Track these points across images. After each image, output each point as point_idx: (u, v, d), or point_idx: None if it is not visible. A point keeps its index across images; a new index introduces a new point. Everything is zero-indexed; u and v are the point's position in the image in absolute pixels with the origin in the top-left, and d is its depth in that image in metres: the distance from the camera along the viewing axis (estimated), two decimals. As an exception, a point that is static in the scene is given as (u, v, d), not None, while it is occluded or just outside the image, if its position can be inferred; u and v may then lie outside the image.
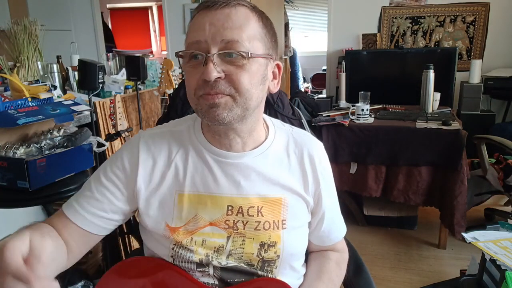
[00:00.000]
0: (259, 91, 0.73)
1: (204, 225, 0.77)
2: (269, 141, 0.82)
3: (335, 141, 2.43)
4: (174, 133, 0.83)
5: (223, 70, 0.68)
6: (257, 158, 0.80)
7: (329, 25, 3.87)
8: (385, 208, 2.59)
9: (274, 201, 0.79)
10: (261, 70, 0.73)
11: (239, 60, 0.69)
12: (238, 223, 0.77)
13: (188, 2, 4.22)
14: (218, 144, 0.79)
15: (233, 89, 0.69)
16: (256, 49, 0.70)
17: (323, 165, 0.86)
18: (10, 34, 2.34)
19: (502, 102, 3.46)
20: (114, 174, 0.79)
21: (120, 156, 0.80)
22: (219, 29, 0.68)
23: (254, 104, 0.73)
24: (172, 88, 2.09)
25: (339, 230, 0.92)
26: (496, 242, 1.24)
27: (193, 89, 0.71)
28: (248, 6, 0.73)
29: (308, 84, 6.34)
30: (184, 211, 0.77)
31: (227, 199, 0.77)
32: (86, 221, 0.77)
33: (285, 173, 0.81)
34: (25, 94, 1.75)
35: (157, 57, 6.29)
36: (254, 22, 0.72)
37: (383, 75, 2.96)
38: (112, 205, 0.78)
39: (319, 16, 6.34)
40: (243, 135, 0.78)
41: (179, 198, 0.77)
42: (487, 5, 3.41)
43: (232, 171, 0.78)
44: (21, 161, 1.24)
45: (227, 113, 0.70)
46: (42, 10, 3.94)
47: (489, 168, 2.36)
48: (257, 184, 0.79)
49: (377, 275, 2.10)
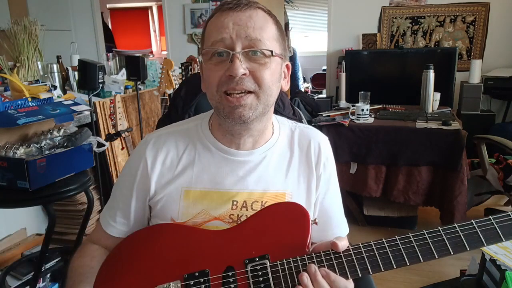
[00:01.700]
0: (276, 88, 0.77)
1: (209, 219, 0.79)
2: (275, 137, 0.85)
3: (335, 141, 2.43)
4: (181, 131, 0.85)
5: (247, 67, 0.72)
6: (263, 154, 0.83)
7: (329, 25, 3.87)
8: (385, 208, 2.58)
9: (278, 196, 0.81)
10: (279, 69, 0.77)
11: (262, 58, 0.73)
12: (242, 217, 0.79)
13: (188, 2, 4.22)
14: (227, 142, 0.81)
15: (257, 86, 0.73)
16: (275, 49, 0.75)
17: (329, 159, 0.89)
18: (10, 34, 2.34)
19: (502, 102, 3.45)
20: (130, 185, 0.83)
21: (129, 168, 0.85)
22: (243, 28, 0.72)
23: (272, 101, 0.77)
24: (172, 88, 2.09)
25: (344, 225, 0.92)
26: (496, 242, 1.24)
27: (216, 85, 0.73)
28: (265, 10, 0.77)
29: (308, 84, 6.34)
30: (190, 207, 0.79)
31: (232, 194, 0.80)
32: (116, 230, 0.84)
33: (289, 168, 0.84)
34: (25, 94, 1.75)
35: (157, 57, 6.28)
36: (272, 24, 0.76)
37: (383, 75, 2.96)
38: (136, 213, 0.84)
39: (319, 16, 6.33)
40: (256, 134, 0.81)
41: (185, 194, 0.80)
42: (487, 5, 3.41)
43: (239, 168, 0.81)
44: (21, 161, 1.24)
45: (252, 112, 0.73)
46: (42, 10, 3.94)
47: (489, 168, 2.36)
48: (262, 179, 0.81)
49: (377, 275, 2.09)
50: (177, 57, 3.90)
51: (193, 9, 4.22)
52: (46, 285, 1.73)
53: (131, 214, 0.83)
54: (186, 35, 4.31)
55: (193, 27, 4.25)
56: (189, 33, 4.28)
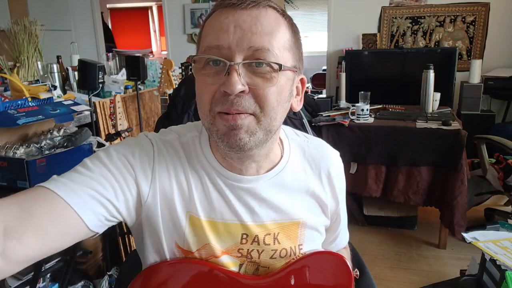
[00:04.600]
0: (284, 110, 0.63)
1: (217, 255, 0.70)
2: (285, 160, 0.73)
3: (335, 141, 2.43)
4: (182, 145, 0.71)
5: (247, 82, 0.58)
6: (272, 180, 0.71)
7: (329, 25, 3.87)
8: (385, 208, 2.58)
9: (291, 226, 0.73)
10: (289, 85, 0.63)
11: (268, 73, 0.58)
12: (252, 252, 0.71)
13: (188, 2, 4.22)
14: (229, 166, 0.69)
15: (258, 107, 0.59)
16: (286, 61, 0.60)
17: (341, 181, 0.81)
18: (10, 34, 2.34)
19: (502, 102, 3.45)
20: (124, 164, 0.64)
21: (131, 152, 0.67)
22: (246, 33, 0.57)
23: (277, 126, 0.63)
24: (172, 88, 2.09)
25: (346, 237, 0.92)
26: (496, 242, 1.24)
27: (208, 103, 0.59)
28: (278, 9, 0.62)
29: (308, 84, 6.33)
30: (196, 236, 0.69)
31: (241, 227, 0.70)
32: (78, 198, 0.58)
33: (302, 193, 0.74)
34: (25, 94, 1.75)
35: (157, 57, 6.29)
36: (285, 29, 0.61)
37: (383, 75, 2.96)
38: (109, 194, 0.61)
39: (319, 16, 6.34)
40: (259, 159, 0.69)
41: (191, 220, 0.68)
42: (487, 5, 3.41)
43: (245, 196, 0.69)
44: (21, 161, 1.24)
45: (249, 137, 0.59)
46: (42, 10, 3.94)
47: (489, 168, 2.36)
48: (273, 209, 0.71)
49: (377, 275, 2.10)
50: (177, 57, 3.91)
51: (193, 9, 4.22)
52: (46, 285, 1.73)
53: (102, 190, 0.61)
54: (186, 35, 4.31)
55: (193, 27, 4.25)
56: (189, 33, 4.28)
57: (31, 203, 0.55)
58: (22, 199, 0.55)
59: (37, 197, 0.56)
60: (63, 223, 0.56)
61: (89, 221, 0.58)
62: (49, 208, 0.55)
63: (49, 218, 0.55)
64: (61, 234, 0.56)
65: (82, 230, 0.59)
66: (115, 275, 1.77)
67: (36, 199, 0.56)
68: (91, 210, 0.59)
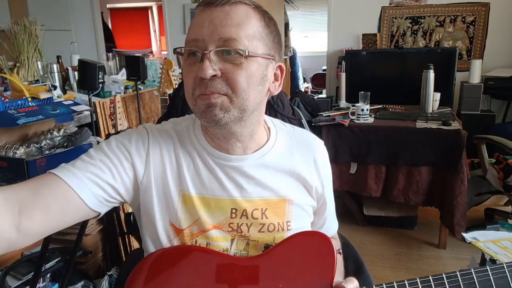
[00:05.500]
0: (257, 92, 0.71)
1: (208, 228, 0.76)
2: (271, 143, 0.81)
3: (335, 141, 2.43)
4: (177, 132, 0.81)
5: (220, 68, 0.67)
6: (259, 160, 0.78)
7: (329, 25, 3.87)
8: (385, 208, 2.58)
9: (278, 203, 0.79)
10: (260, 71, 0.70)
11: (237, 59, 0.67)
12: (242, 226, 0.77)
13: (188, 2, 4.22)
14: (218, 146, 0.77)
15: (230, 89, 0.68)
16: (255, 48, 0.69)
17: (326, 166, 0.87)
18: (10, 34, 2.35)
19: (502, 102, 3.45)
20: (121, 150, 0.74)
21: (128, 139, 0.76)
22: (217, 27, 0.67)
23: (251, 106, 0.71)
24: (172, 88, 2.09)
25: (335, 225, 0.96)
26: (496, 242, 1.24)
27: (191, 88, 0.70)
28: (250, 4, 0.71)
29: (308, 84, 6.34)
30: (188, 213, 0.75)
31: (230, 202, 0.76)
32: (78, 181, 0.68)
33: (289, 173, 0.81)
34: (25, 94, 1.75)
35: (157, 57, 6.29)
36: (255, 21, 0.70)
37: (383, 75, 2.96)
38: (111, 178, 0.72)
39: (319, 16, 6.34)
40: (244, 139, 0.76)
41: (183, 198, 0.76)
42: (487, 5, 3.41)
43: (233, 173, 0.77)
44: (21, 161, 1.24)
45: (223, 113, 0.68)
46: (42, 10, 3.94)
47: (489, 168, 2.36)
48: (261, 186, 0.78)
49: (377, 275, 2.10)
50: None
51: (193, 9, 4.22)
52: (46, 285, 1.73)
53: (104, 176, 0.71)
54: (186, 35, 4.31)
55: (193, 27, 4.26)
56: (189, 33, 4.29)
57: (40, 186, 0.66)
58: (32, 183, 0.67)
59: (45, 181, 0.67)
60: (65, 203, 0.67)
61: (89, 201, 0.68)
62: (54, 190, 0.66)
63: (54, 199, 0.66)
64: (64, 212, 0.67)
65: (82, 209, 0.69)
66: (115, 275, 1.77)
67: (44, 183, 0.67)
68: (90, 191, 0.69)
